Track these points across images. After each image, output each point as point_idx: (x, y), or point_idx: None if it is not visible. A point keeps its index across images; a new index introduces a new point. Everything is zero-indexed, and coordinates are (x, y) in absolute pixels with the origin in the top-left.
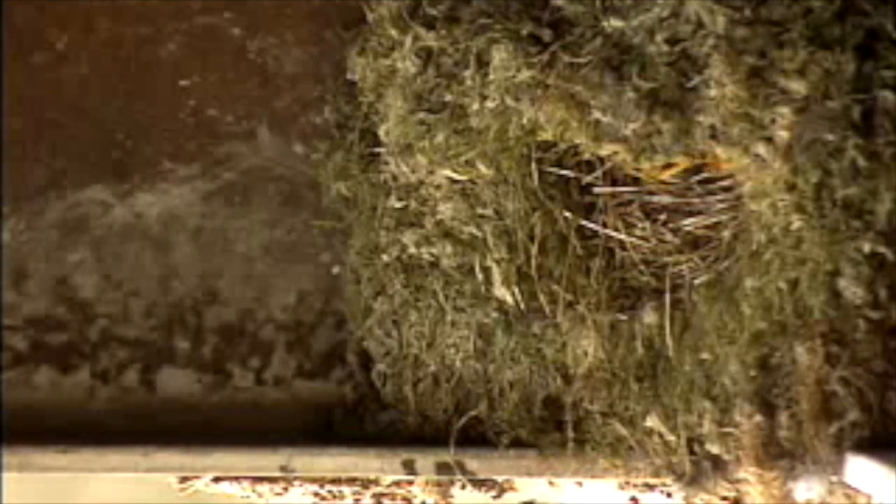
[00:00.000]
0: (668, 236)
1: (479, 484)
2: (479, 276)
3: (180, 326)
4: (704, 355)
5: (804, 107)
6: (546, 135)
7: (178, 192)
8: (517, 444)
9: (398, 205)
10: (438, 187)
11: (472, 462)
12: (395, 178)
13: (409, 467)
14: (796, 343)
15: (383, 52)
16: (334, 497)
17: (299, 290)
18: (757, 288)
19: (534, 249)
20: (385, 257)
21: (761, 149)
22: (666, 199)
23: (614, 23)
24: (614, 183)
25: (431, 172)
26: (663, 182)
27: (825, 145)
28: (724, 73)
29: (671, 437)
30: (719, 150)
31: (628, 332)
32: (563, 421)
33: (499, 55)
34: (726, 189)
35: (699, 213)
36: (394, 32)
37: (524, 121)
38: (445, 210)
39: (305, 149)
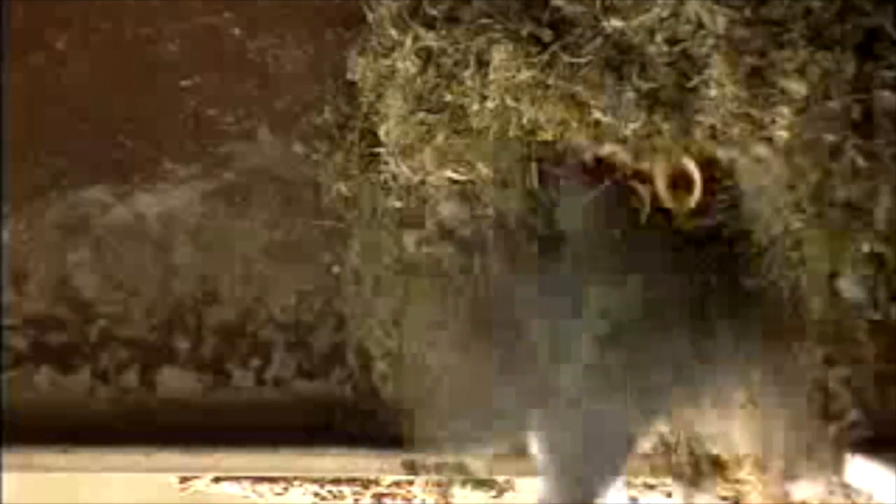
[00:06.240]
0: None
1: (479, 484)
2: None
3: (180, 326)
4: None
5: (804, 107)
6: (546, 135)
7: (179, 192)
8: (517, 444)
9: (398, 205)
10: (438, 187)
11: (472, 462)
12: (395, 178)
13: (409, 467)
14: (795, 343)
15: (383, 52)
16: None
17: (299, 290)
18: (756, 288)
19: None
20: (385, 257)
21: (761, 149)
22: None
23: (614, 23)
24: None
25: (431, 173)
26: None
27: (825, 145)
28: (724, 73)
29: (671, 438)
30: (719, 151)
31: None
32: None
33: (499, 55)
34: (726, 189)
35: (699, 212)
36: (394, 32)
37: (524, 121)
38: (445, 210)
39: (305, 149)
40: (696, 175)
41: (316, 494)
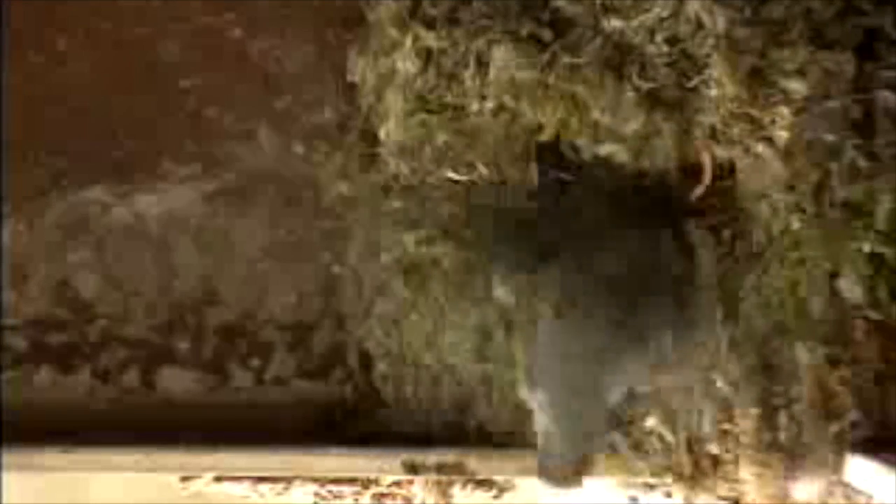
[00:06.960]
0: None
1: (479, 484)
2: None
3: (181, 326)
4: None
5: (804, 107)
6: (546, 135)
7: (179, 192)
8: (517, 444)
9: (398, 205)
10: (438, 188)
11: (472, 462)
12: (395, 178)
13: (409, 467)
14: (796, 343)
15: (383, 52)
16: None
17: (299, 290)
18: (757, 288)
19: None
20: (385, 257)
21: (761, 149)
22: None
23: (614, 23)
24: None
25: (431, 172)
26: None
27: (825, 145)
28: (724, 73)
29: (671, 438)
30: (719, 151)
31: None
32: None
33: (499, 56)
34: (726, 189)
35: (700, 213)
36: (394, 33)
37: (524, 121)
38: (445, 210)
39: (305, 149)
40: (708, 164)
41: (316, 494)
